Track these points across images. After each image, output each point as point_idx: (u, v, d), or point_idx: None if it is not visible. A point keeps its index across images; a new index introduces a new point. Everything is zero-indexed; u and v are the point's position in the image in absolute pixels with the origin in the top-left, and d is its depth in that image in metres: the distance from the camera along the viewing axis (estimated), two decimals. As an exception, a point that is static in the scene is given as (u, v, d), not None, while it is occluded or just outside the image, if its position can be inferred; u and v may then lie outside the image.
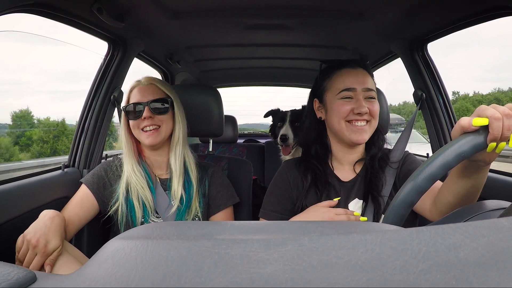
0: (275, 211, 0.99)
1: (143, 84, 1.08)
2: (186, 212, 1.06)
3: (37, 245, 0.78)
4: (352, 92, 0.91)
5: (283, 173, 1.03)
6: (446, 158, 0.50)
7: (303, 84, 2.85)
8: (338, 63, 0.98)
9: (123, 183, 1.05)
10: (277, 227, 0.33)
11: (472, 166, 0.62)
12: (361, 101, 0.90)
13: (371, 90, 0.93)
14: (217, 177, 1.16)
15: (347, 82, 0.92)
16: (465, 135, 0.52)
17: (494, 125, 0.50)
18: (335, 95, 0.93)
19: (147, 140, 1.03)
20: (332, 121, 0.94)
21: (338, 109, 0.92)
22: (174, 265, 0.24)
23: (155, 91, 1.07)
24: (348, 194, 0.96)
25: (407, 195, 0.52)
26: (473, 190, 0.67)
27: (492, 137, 0.51)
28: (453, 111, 1.37)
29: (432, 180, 0.51)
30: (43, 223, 0.81)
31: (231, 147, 2.37)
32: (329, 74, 0.97)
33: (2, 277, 0.24)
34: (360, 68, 0.96)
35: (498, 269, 0.22)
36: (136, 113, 1.03)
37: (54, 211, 0.86)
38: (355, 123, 0.91)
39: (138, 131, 1.05)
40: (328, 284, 0.22)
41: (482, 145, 0.52)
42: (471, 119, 0.52)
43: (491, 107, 0.53)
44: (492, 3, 0.98)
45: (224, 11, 1.29)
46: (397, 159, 0.99)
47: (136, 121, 1.04)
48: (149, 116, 1.02)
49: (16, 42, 32.70)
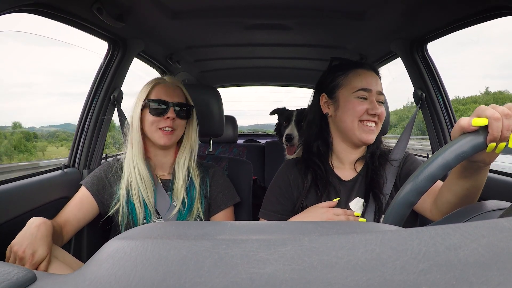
0: (275, 211, 0.99)
1: (171, 85, 1.07)
2: (187, 215, 1.06)
3: (24, 256, 0.76)
4: (367, 93, 0.93)
5: (284, 173, 1.03)
6: (446, 159, 0.50)
7: (303, 84, 2.85)
8: (354, 63, 1.00)
9: (123, 184, 1.05)
10: (277, 227, 0.33)
11: (472, 167, 0.62)
12: (375, 102, 0.93)
13: (382, 94, 0.95)
14: (218, 177, 1.16)
15: (365, 83, 0.93)
16: (464, 135, 0.52)
17: (493, 125, 0.50)
18: (351, 92, 0.94)
19: (162, 139, 1.03)
20: (344, 119, 0.95)
21: (353, 108, 0.93)
22: (174, 265, 0.24)
23: (180, 95, 1.08)
24: (349, 193, 0.96)
25: (407, 195, 0.52)
26: (474, 190, 0.67)
27: (492, 137, 0.51)
28: (453, 111, 1.37)
29: (432, 180, 0.51)
30: (29, 233, 0.79)
31: (231, 147, 2.37)
32: (345, 71, 0.98)
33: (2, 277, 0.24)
34: (374, 72, 0.98)
35: (498, 269, 0.22)
36: (159, 110, 1.03)
37: (41, 219, 0.83)
38: (366, 123, 0.92)
39: (154, 129, 1.04)
40: (328, 284, 0.22)
41: (481, 146, 0.51)
42: (471, 119, 0.52)
43: (490, 107, 0.53)
44: (492, 3, 0.98)
45: (224, 11, 1.29)
46: (398, 157, 1.00)
47: (157, 118, 1.03)
48: (172, 118, 1.03)
49: (26, 45, 32.13)
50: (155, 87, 1.06)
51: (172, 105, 1.03)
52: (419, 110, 1.41)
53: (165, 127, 1.03)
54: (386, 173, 0.96)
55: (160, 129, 1.03)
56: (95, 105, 1.34)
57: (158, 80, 1.08)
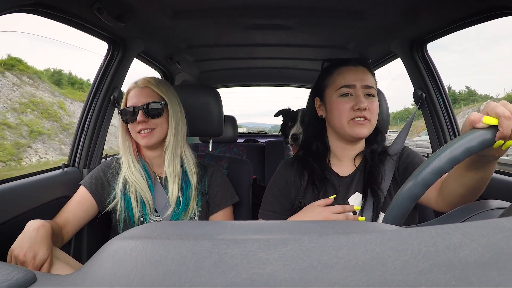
0: (274, 212, 0.99)
1: (139, 87, 1.07)
2: (182, 214, 1.06)
3: (25, 259, 0.76)
4: (351, 89, 0.92)
5: (281, 173, 1.03)
6: (454, 153, 0.50)
7: (303, 84, 2.85)
8: (340, 61, 0.99)
9: (120, 179, 1.06)
10: (277, 227, 0.33)
11: (480, 160, 0.63)
12: (360, 96, 0.91)
13: (370, 87, 0.93)
14: (217, 176, 1.16)
15: (347, 79, 0.93)
16: (474, 130, 0.53)
17: (504, 124, 0.51)
18: (334, 91, 0.94)
19: (142, 141, 1.05)
20: (333, 120, 0.95)
21: (337, 108, 0.93)
22: (174, 265, 0.24)
23: (149, 94, 1.07)
24: (348, 188, 0.96)
25: (412, 188, 0.52)
26: (482, 181, 0.68)
27: (501, 135, 0.52)
28: (453, 111, 1.38)
29: (439, 174, 0.51)
30: (28, 235, 0.79)
31: (231, 147, 2.37)
32: (330, 72, 0.98)
33: (2, 277, 0.24)
34: (361, 66, 0.96)
35: (498, 269, 0.22)
36: (130, 117, 1.05)
37: (39, 221, 0.83)
38: (356, 119, 0.91)
39: (134, 134, 1.06)
40: (328, 284, 0.22)
41: (490, 142, 0.52)
42: (482, 116, 0.52)
43: (501, 104, 0.53)
44: (492, 3, 0.98)
45: (224, 11, 1.29)
46: (396, 152, 1.00)
47: (132, 124, 1.05)
48: (143, 120, 1.03)
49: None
50: (129, 94, 1.08)
51: (140, 108, 1.03)
52: (419, 110, 1.41)
53: (140, 130, 1.04)
54: (385, 168, 0.96)
55: (139, 133, 1.05)
56: (95, 105, 1.34)
57: (131, 86, 1.09)
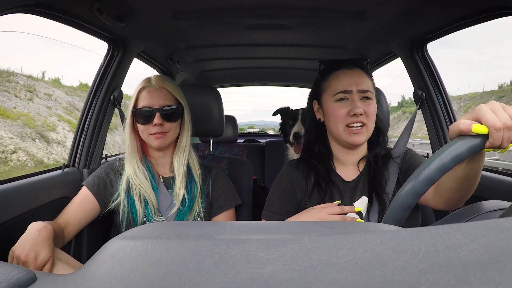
0: (278, 213, 0.98)
1: (154, 87, 1.05)
2: (187, 213, 1.06)
3: (27, 260, 0.76)
4: (347, 94, 0.91)
5: (287, 174, 1.02)
6: (443, 161, 0.50)
7: (304, 84, 2.85)
8: (336, 63, 0.98)
9: (124, 179, 1.06)
10: (277, 227, 0.33)
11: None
12: (356, 102, 0.90)
13: (367, 91, 0.92)
14: (221, 178, 1.16)
15: (343, 84, 0.92)
16: (462, 137, 0.51)
17: (494, 135, 0.50)
18: (331, 96, 0.94)
19: (155, 142, 1.04)
20: (330, 125, 0.95)
21: (333, 113, 0.93)
22: (174, 265, 0.24)
23: (166, 97, 1.05)
24: (353, 193, 0.96)
25: (405, 198, 0.52)
26: (472, 174, 0.66)
27: (491, 145, 0.50)
28: (453, 111, 1.38)
29: (430, 183, 0.51)
30: (30, 237, 0.79)
31: (231, 147, 2.37)
32: (326, 76, 0.97)
33: (2, 277, 0.24)
34: (357, 68, 0.95)
35: (498, 269, 0.22)
36: (146, 118, 1.02)
37: (41, 223, 0.83)
38: (351, 124, 0.91)
39: (146, 135, 1.05)
40: (328, 284, 0.22)
41: (478, 148, 0.51)
42: (471, 124, 0.50)
43: (490, 108, 0.51)
44: (492, 3, 0.98)
45: (224, 11, 1.29)
46: (399, 154, 1.00)
47: (146, 126, 1.03)
48: (159, 123, 1.02)
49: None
50: (141, 93, 1.05)
51: (157, 110, 1.02)
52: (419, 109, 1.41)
53: (155, 133, 1.03)
54: (389, 172, 0.96)
55: (151, 134, 1.03)
56: (95, 105, 1.34)
57: (144, 84, 1.06)
